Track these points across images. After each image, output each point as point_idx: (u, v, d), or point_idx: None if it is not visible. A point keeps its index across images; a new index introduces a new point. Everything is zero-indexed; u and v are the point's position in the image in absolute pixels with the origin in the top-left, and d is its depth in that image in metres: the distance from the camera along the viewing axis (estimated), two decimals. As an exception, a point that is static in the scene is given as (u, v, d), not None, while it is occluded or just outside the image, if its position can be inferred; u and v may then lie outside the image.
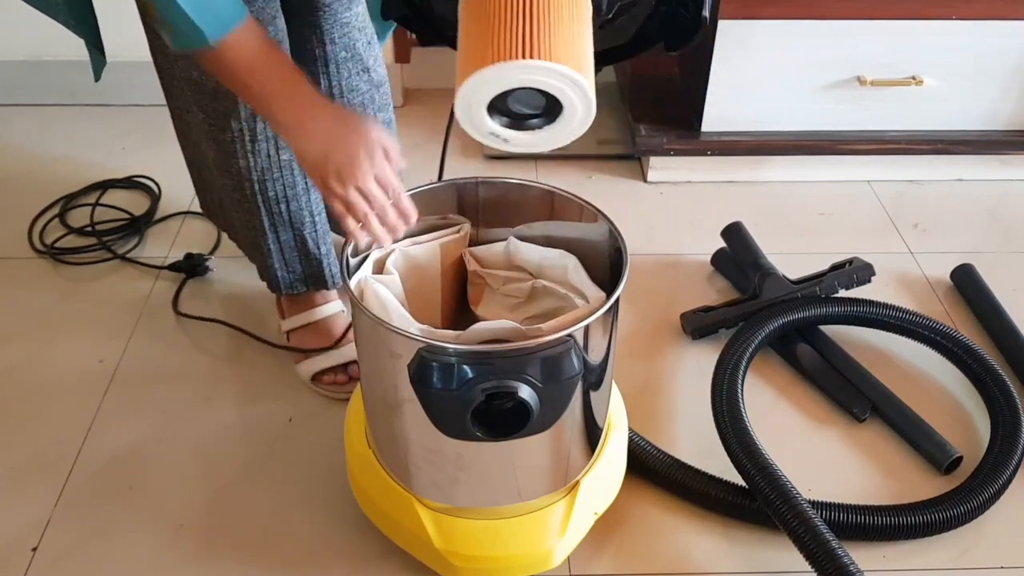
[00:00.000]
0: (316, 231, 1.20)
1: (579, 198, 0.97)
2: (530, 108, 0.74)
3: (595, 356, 0.88)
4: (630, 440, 1.11)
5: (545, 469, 0.94)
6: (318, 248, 1.21)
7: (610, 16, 0.81)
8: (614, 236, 0.94)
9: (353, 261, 0.94)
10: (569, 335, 0.82)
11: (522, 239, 1.02)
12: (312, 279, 1.24)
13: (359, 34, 1.18)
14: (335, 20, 1.15)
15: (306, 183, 1.16)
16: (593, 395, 0.92)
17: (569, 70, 0.69)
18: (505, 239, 1.03)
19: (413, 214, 0.93)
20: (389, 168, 0.91)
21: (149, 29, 1.09)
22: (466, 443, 0.87)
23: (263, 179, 1.12)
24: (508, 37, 0.68)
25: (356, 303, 0.86)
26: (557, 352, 0.81)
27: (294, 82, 0.92)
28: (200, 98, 1.07)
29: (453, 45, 0.78)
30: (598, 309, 0.85)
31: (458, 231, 1.02)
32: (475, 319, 1.01)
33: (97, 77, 1.10)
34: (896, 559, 1.06)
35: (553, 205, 1.00)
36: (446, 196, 1.01)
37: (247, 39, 0.89)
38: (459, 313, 1.06)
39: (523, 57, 0.68)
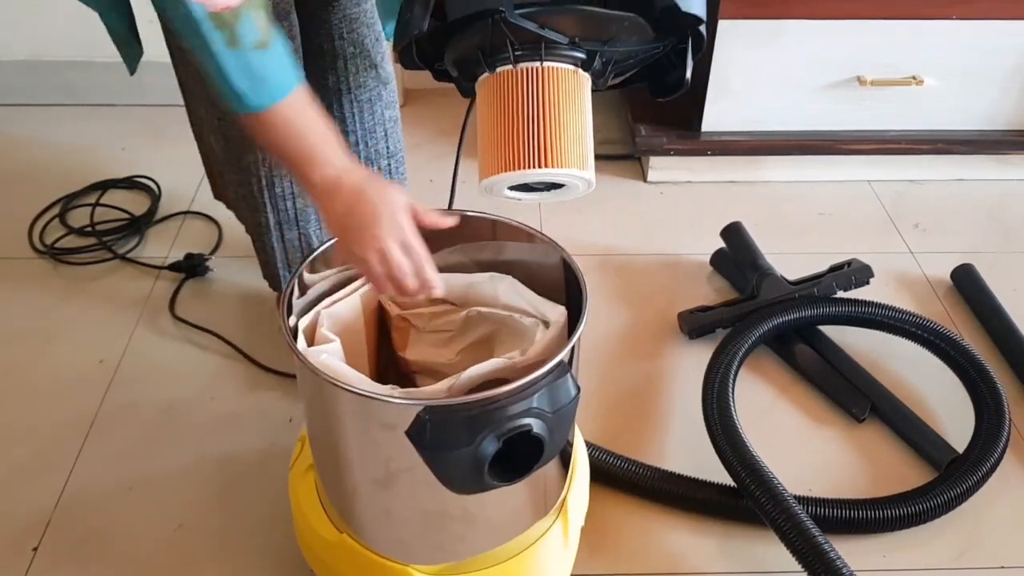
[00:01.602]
0: (322, 230, 1.20)
1: (489, 214, 0.93)
2: (540, 184, 0.87)
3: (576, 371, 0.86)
4: (597, 456, 1.12)
5: (541, 494, 0.91)
6: None
7: (605, 82, 0.89)
8: (548, 245, 0.90)
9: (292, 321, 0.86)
10: (562, 360, 0.79)
11: (441, 270, 0.92)
12: None
13: (367, 30, 1.17)
14: (343, 15, 1.14)
15: None
16: None
17: (575, 171, 0.82)
18: None
19: (436, 286, 0.84)
20: (413, 234, 0.83)
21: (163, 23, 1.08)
22: (473, 495, 0.82)
23: (271, 175, 1.12)
24: (525, 146, 0.81)
25: (332, 382, 0.77)
26: (557, 379, 0.79)
27: (332, 144, 0.85)
28: (211, 93, 1.06)
29: (463, 93, 0.91)
30: (567, 323, 0.83)
31: None
32: (403, 364, 0.97)
33: (132, 70, 1.03)
34: (896, 558, 1.06)
35: (466, 228, 0.93)
36: None
37: (297, 105, 0.83)
38: (385, 362, 1.00)
39: (538, 167, 0.81)
